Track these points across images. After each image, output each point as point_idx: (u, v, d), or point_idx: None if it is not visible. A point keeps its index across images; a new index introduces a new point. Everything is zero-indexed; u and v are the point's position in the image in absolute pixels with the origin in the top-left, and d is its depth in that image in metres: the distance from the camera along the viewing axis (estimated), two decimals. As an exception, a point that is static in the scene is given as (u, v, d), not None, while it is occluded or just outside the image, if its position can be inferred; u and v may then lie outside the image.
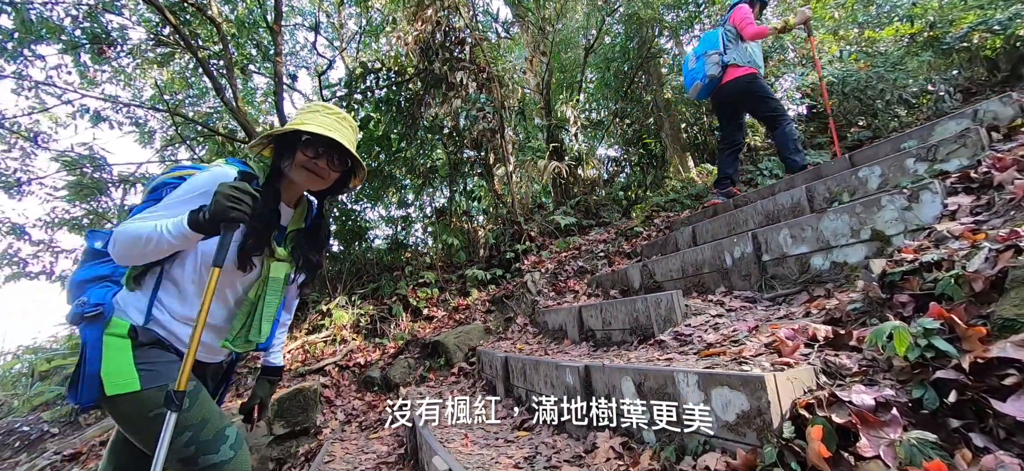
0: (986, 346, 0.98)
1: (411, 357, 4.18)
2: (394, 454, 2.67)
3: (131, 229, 1.05)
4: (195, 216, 1.05)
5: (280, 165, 1.24)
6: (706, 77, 3.38)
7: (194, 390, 1.12)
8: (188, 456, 1.09)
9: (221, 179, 1.12)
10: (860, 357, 1.19)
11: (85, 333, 1.10)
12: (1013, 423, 0.87)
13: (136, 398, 1.07)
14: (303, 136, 1.19)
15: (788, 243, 2.20)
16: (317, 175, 1.22)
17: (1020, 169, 1.56)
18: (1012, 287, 1.05)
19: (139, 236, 1.04)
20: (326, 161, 1.21)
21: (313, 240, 1.36)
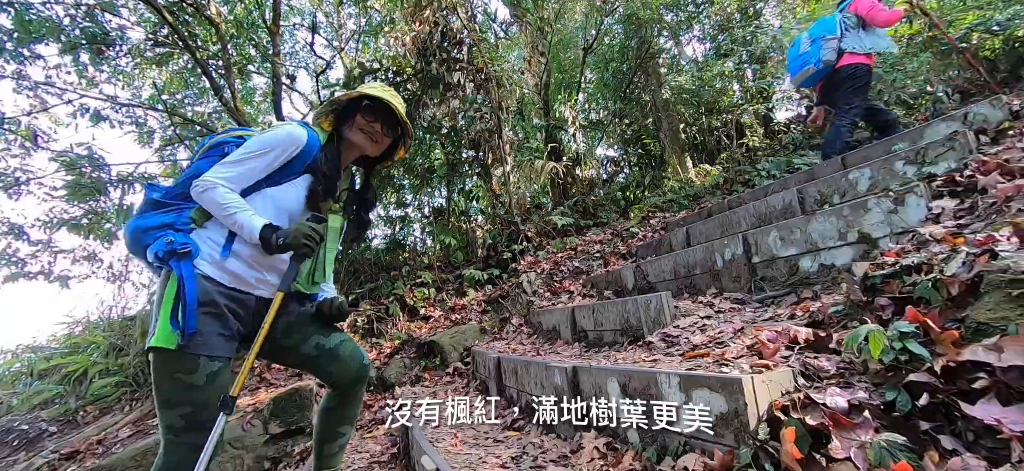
0: (958, 350, 0.99)
1: (407, 357, 4.20)
2: (387, 453, 2.68)
3: (224, 198, 1.21)
4: (269, 235, 1.21)
5: (341, 129, 1.42)
6: (821, 63, 3.33)
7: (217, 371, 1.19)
8: (178, 427, 1.16)
9: (295, 137, 1.30)
10: (838, 359, 1.20)
11: (178, 267, 1.18)
12: (981, 426, 0.88)
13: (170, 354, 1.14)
14: (364, 102, 1.38)
15: (777, 245, 2.21)
16: (373, 139, 1.41)
17: (1003, 173, 1.57)
18: (987, 291, 1.07)
19: (224, 208, 1.21)
20: (381, 125, 1.40)
21: (363, 200, 1.57)
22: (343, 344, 1.46)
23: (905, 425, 0.96)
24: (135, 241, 1.26)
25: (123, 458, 3.21)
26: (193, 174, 1.29)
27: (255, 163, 1.26)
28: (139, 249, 1.26)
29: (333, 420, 1.56)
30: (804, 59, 3.44)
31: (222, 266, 1.24)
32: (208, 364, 1.17)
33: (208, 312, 1.19)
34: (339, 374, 1.46)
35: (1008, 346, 0.92)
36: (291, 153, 1.30)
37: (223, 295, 1.23)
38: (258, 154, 1.27)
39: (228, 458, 3.50)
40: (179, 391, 1.15)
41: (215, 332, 1.20)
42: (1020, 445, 0.81)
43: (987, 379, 0.92)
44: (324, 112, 1.43)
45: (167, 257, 1.18)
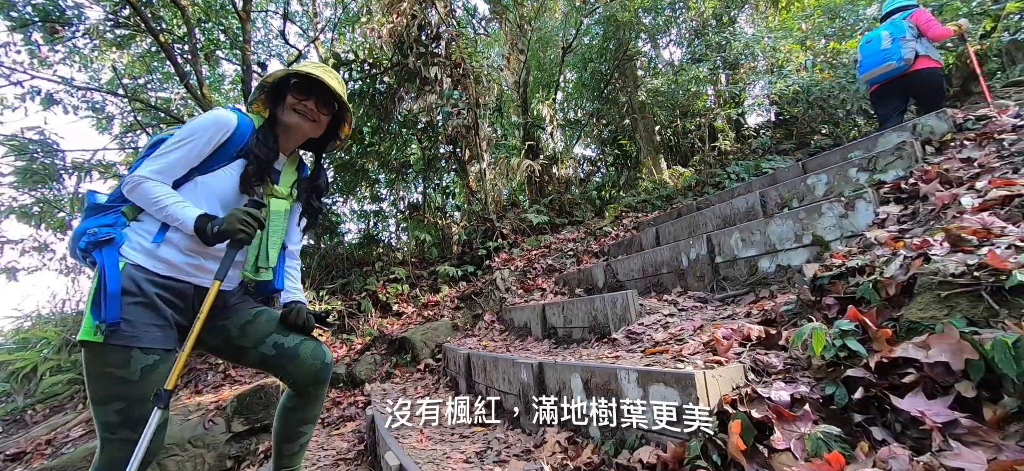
0: (892, 347, 1.05)
1: (378, 353, 4.16)
2: (354, 450, 2.65)
3: (153, 192, 1.19)
4: (204, 225, 1.19)
5: (275, 112, 1.38)
6: (902, 60, 3.42)
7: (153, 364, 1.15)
8: (113, 423, 1.12)
9: (223, 121, 1.27)
10: (786, 356, 1.26)
11: (100, 258, 1.15)
12: (908, 418, 0.94)
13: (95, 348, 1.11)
14: (292, 80, 1.34)
15: (739, 246, 2.29)
16: (308, 117, 1.36)
17: (942, 182, 1.67)
18: (920, 292, 1.14)
19: (156, 201, 1.18)
20: (314, 102, 1.35)
21: (313, 186, 1.52)
22: (303, 344, 1.41)
23: (841, 418, 1.02)
24: (73, 247, 1.24)
25: (74, 458, 3.07)
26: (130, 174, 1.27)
27: (182, 152, 1.22)
28: (77, 254, 1.23)
29: (293, 421, 1.52)
30: (886, 54, 3.49)
31: (154, 254, 1.20)
32: (141, 357, 1.12)
33: (137, 302, 1.14)
34: (299, 375, 1.41)
35: (934, 343, 0.98)
36: (221, 138, 1.26)
37: (156, 284, 1.19)
38: (186, 142, 1.23)
39: (188, 457, 3.39)
40: (111, 385, 1.11)
41: (148, 323, 1.15)
42: (940, 435, 0.87)
43: (915, 374, 0.98)
44: (255, 96, 1.39)
45: (90, 248, 1.16)
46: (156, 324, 1.17)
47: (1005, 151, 1.71)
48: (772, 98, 9.66)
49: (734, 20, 10.17)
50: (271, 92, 1.39)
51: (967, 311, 1.03)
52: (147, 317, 1.16)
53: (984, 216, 1.27)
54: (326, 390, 1.56)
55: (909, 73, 3.43)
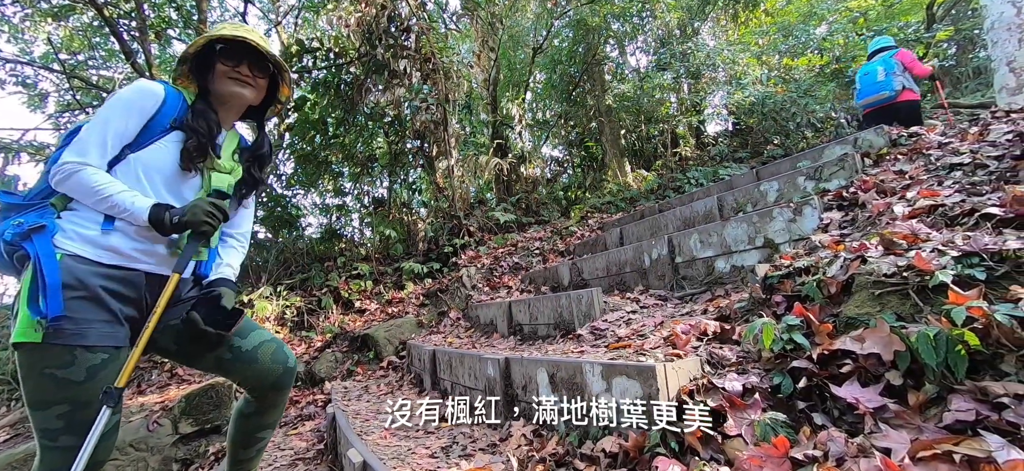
0: (832, 340, 1.14)
1: (339, 350, 4.05)
2: (313, 449, 2.58)
3: (92, 180, 1.07)
4: (160, 215, 1.09)
5: (206, 85, 1.27)
6: (893, 91, 4.07)
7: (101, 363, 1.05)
8: (55, 429, 1.03)
9: (149, 90, 1.17)
10: (739, 349, 1.34)
11: (32, 248, 1.03)
12: (845, 404, 1.03)
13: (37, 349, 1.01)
14: (218, 46, 1.22)
15: (697, 247, 2.40)
16: (242, 82, 1.26)
17: (879, 191, 1.82)
18: (857, 290, 1.24)
19: (97, 191, 1.07)
20: (247, 66, 1.25)
21: (255, 156, 1.41)
22: (263, 346, 1.30)
23: (787, 405, 1.09)
24: None
25: (-6, 466, 2.82)
26: (48, 169, 1.13)
27: (111, 129, 1.11)
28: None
29: (250, 427, 1.40)
30: (880, 86, 4.17)
31: (98, 243, 1.09)
32: (87, 356, 1.02)
33: (80, 296, 1.04)
34: (258, 379, 1.30)
35: (868, 337, 1.08)
36: (150, 110, 1.15)
37: (101, 276, 1.08)
38: (113, 117, 1.12)
39: (129, 462, 3.19)
40: (53, 389, 1.01)
41: (94, 319, 1.05)
42: (872, 419, 0.96)
43: (852, 365, 1.08)
44: (178, 71, 1.26)
45: (19, 239, 1.04)
46: (102, 319, 1.06)
47: (932, 165, 1.89)
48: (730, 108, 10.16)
49: (697, 31, 10.59)
50: (196, 63, 1.25)
51: (897, 307, 1.13)
52: (91, 312, 1.05)
53: (913, 223, 1.40)
54: (288, 395, 1.46)
55: (897, 102, 4.09)
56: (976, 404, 0.88)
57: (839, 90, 9.51)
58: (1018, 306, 0.93)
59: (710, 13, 10.47)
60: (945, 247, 1.17)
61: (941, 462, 0.82)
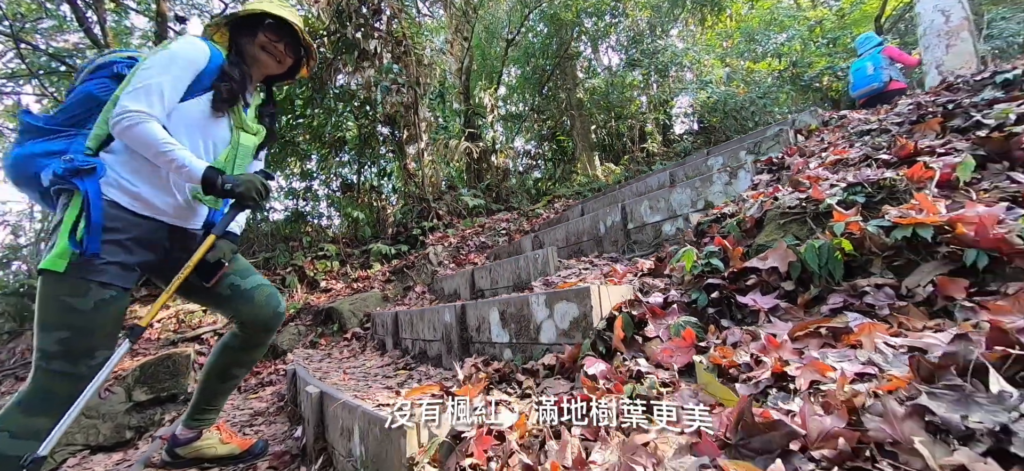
0: (743, 262, 1.30)
1: (302, 324, 4.04)
2: (272, 407, 2.60)
3: (155, 135, 1.12)
4: (214, 177, 1.17)
5: (241, 44, 1.36)
6: (882, 83, 4.52)
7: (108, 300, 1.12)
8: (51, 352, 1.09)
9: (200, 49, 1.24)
10: (668, 280, 1.48)
11: (84, 186, 1.11)
12: (748, 310, 1.18)
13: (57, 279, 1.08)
14: (267, 20, 1.32)
15: (647, 213, 2.56)
16: (276, 58, 1.37)
17: (801, 154, 2.02)
18: (767, 223, 1.40)
19: (158, 144, 1.12)
20: (285, 45, 1.37)
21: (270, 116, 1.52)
22: (259, 288, 1.42)
23: (701, 313, 1.24)
24: (21, 169, 1.19)
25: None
26: (81, 98, 1.22)
27: (171, 84, 1.17)
28: (27, 178, 1.19)
29: (230, 358, 1.51)
30: (871, 79, 4.67)
31: (134, 194, 1.17)
32: (99, 291, 1.10)
33: (111, 240, 1.12)
34: (250, 317, 1.41)
35: (770, 255, 1.23)
36: (200, 66, 1.23)
37: (131, 224, 1.16)
38: (173, 72, 1.18)
39: (78, 429, 3.11)
40: (62, 314, 1.08)
41: (114, 261, 1.13)
42: (765, 316, 1.11)
43: (755, 279, 1.23)
44: (218, 23, 1.36)
45: (69, 175, 1.10)
46: (120, 262, 1.14)
47: (849, 134, 2.11)
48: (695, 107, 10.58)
49: (667, 32, 10.96)
50: (239, 25, 1.35)
51: (796, 232, 1.30)
52: (115, 255, 1.13)
53: (819, 170, 1.59)
54: (271, 338, 1.56)
55: (886, 92, 4.55)
56: (846, 297, 1.04)
57: (796, 94, 10.07)
58: (885, 218, 1.10)
59: (679, 16, 10.84)
60: (838, 182, 1.34)
61: (812, 337, 0.97)
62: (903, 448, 0.48)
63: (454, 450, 0.97)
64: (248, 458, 1.69)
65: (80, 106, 1.24)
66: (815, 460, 0.54)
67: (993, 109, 1.63)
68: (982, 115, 1.62)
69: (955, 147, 1.36)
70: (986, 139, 1.31)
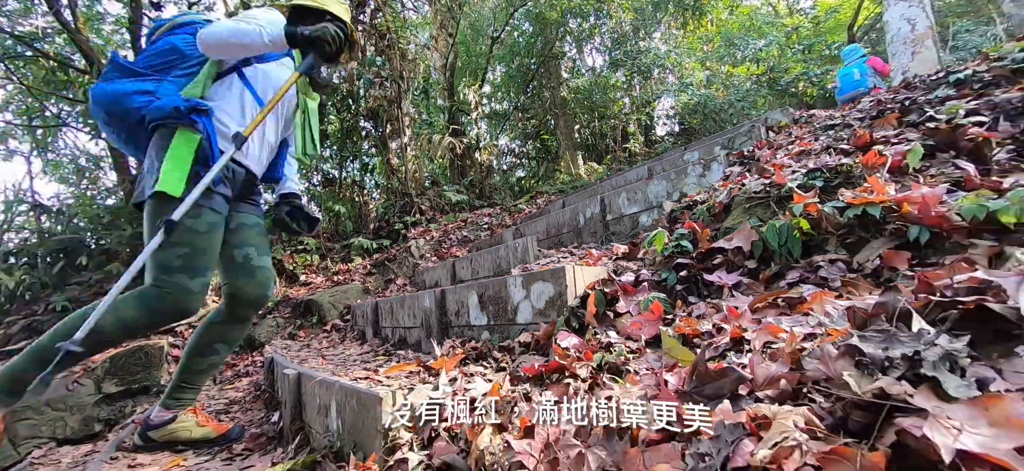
0: (710, 243, 1.35)
1: (281, 316, 3.99)
2: (249, 396, 2.57)
3: (229, 25, 1.32)
4: (293, 30, 1.33)
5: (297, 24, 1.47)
6: (867, 89, 4.81)
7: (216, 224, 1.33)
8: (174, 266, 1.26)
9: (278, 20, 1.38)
10: (640, 262, 1.53)
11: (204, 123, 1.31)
12: (713, 286, 1.23)
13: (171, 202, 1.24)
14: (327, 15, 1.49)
15: (625, 204, 2.63)
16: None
17: (770, 147, 2.10)
18: (735, 207, 1.46)
19: (239, 31, 1.30)
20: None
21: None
22: (262, 271, 1.56)
23: (669, 291, 1.29)
24: (116, 103, 1.34)
25: None
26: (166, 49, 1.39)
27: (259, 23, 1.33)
28: (118, 112, 1.35)
29: (214, 334, 1.58)
30: (858, 84, 5.06)
31: (228, 137, 1.36)
32: (210, 215, 1.30)
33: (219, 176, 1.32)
34: (245, 289, 1.52)
35: (735, 236, 1.29)
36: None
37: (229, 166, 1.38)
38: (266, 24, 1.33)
39: (45, 421, 3.02)
40: (181, 233, 1.24)
41: (219, 191, 1.33)
42: (729, 291, 1.17)
43: (721, 258, 1.29)
44: (285, 6, 1.52)
45: (189, 111, 1.29)
46: (222, 193, 1.35)
47: (815, 130, 2.20)
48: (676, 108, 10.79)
49: (650, 35, 11.16)
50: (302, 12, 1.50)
51: (760, 215, 1.36)
52: (221, 187, 1.35)
53: (785, 159, 1.66)
54: (252, 320, 1.72)
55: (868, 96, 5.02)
56: (803, 272, 1.11)
57: (773, 98, 10.36)
58: (840, 200, 1.17)
59: (662, 19, 11.03)
60: (799, 168, 1.41)
61: (770, 308, 1.02)
62: (835, 383, 0.53)
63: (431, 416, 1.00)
64: (223, 442, 1.68)
65: (163, 55, 1.40)
66: (759, 399, 0.59)
67: (944, 105, 1.74)
68: (934, 110, 1.72)
69: (907, 138, 1.44)
70: (935, 131, 1.40)
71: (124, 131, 1.39)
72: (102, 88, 1.36)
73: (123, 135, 1.41)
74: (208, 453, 1.69)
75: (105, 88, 1.35)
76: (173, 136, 1.28)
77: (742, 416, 0.53)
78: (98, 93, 1.36)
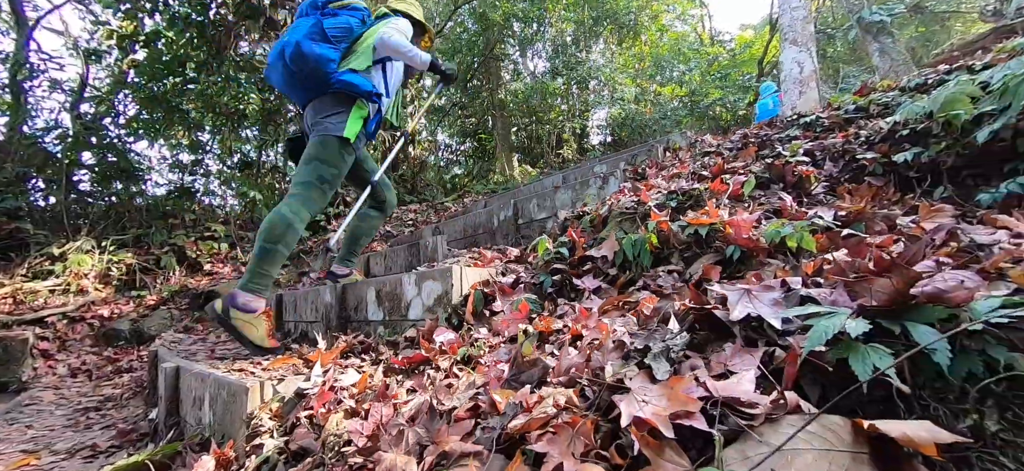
0: (584, 252, 1.51)
1: (176, 308, 3.70)
2: (127, 392, 2.38)
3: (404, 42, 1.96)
4: (436, 62, 2.09)
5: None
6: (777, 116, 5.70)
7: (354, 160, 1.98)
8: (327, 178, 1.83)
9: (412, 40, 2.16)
10: (528, 265, 1.66)
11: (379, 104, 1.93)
12: (582, 290, 1.38)
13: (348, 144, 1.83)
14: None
15: (535, 210, 2.78)
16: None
17: (658, 168, 2.35)
18: (610, 221, 1.64)
19: (412, 51, 1.97)
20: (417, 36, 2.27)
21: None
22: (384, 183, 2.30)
23: (544, 293, 1.43)
24: (318, 64, 1.75)
25: None
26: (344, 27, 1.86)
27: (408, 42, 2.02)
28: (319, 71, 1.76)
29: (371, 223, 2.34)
30: (772, 112, 6.05)
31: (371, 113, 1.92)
32: (353, 154, 1.88)
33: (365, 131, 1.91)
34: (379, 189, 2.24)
35: (603, 245, 1.46)
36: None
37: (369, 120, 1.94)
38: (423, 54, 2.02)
39: None
40: (340, 162, 1.83)
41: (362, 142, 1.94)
42: (589, 294, 1.32)
43: (591, 265, 1.44)
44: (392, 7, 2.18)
45: (375, 96, 1.86)
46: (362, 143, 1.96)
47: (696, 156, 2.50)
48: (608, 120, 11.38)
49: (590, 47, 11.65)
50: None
51: (627, 228, 1.54)
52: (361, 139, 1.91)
53: (660, 181, 1.88)
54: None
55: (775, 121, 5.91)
56: (648, 280, 1.28)
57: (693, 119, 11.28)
58: (683, 219, 1.37)
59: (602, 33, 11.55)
60: (664, 190, 1.62)
61: (615, 310, 1.18)
62: (602, 371, 0.66)
63: (296, 405, 1.04)
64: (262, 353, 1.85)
65: (341, 31, 1.85)
66: (555, 385, 0.71)
67: (791, 143, 2.06)
68: (783, 147, 2.04)
69: (752, 170, 1.71)
70: (772, 165, 1.67)
71: (303, 81, 1.80)
72: (311, 47, 1.74)
73: (298, 83, 1.82)
74: (66, 454, 1.57)
75: (313, 48, 1.75)
76: (354, 104, 1.82)
77: (527, 396, 0.65)
78: (310, 50, 1.74)
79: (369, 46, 1.88)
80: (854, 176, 1.74)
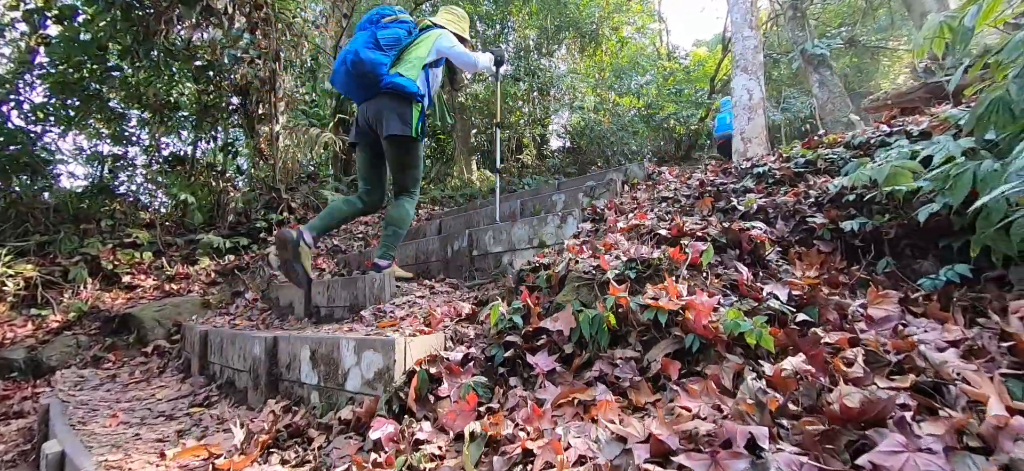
0: (539, 321, 1.42)
1: (85, 333, 3.28)
2: (13, 452, 2.05)
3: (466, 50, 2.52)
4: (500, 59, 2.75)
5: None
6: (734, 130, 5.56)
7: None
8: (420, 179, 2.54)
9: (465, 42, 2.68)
10: (480, 328, 1.55)
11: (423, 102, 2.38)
12: (536, 371, 1.29)
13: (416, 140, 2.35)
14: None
15: (491, 243, 2.67)
16: None
17: (617, 211, 2.32)
18: (568, 283, 1.56)
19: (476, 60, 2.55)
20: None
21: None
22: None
23: (494, 372, 1.32)
24: (373, 69, 2.23)
25: None
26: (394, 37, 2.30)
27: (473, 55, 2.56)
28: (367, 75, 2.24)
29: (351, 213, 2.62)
30: (728, 126, 6.19)
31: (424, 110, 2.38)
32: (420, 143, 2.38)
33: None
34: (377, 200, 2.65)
35: (559, 318, 1.38)
36: None
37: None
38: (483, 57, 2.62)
39: None
40: (417, 155, 2.42)
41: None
42: (544, 378, 1.23)
43: (545, 338, 1.36)
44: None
45: (422, 98, 2.32)
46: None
47: (655, 195, 2.49)
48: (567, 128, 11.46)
49: (552, 53, 11.66)
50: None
51: (585, 297, 1.47)
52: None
53: (619, 237, 1.84)
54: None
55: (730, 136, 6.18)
56: (604, 366, 1.22)
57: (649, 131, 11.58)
58: (642, 298, 1.31)
59: (564, 40, 11.59)
60: (622, 254, 1.56)
61: (568, 407, 1.10)
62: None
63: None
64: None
65: (391, 41, 2.28)
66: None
67: (745, 197, 2.08)
68: (738, 200, 2.06)
69: (709, 231, 1.69)
70: (727, 230, 1.66)
71: (361, 84, 2.27)
72: (368, 55, 2.22)
73: (357, 84, 2.29)
74: None
75: (370, 55, 2.22)
76: (412, 104, 2.26)
77: None
78: (367, 57, 2.21)
79: (417, 55, 2.32)
80: (804, 239, 1.77)
